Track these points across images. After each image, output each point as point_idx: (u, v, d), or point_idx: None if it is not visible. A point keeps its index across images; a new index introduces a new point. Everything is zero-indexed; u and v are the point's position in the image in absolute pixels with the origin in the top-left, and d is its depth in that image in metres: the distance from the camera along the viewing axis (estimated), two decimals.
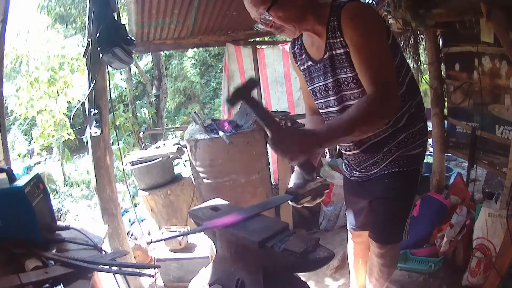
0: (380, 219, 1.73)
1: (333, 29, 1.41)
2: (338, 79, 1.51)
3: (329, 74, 1.52)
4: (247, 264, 1.22)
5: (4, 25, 2.09)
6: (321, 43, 1.48)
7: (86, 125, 2.56)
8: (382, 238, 1.76)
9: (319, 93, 1.63)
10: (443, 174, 3.45)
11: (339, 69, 1.48)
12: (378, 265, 1.84)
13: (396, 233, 1.75)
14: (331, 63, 1.49)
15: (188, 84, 12.00)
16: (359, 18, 1.35)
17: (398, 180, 1.65)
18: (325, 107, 1.63)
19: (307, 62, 1.61)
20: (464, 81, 2.99)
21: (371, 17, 1.38)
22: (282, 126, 1.24)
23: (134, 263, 2.67)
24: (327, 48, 1.47)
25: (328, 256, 1.09)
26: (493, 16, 2.15)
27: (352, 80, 1.46)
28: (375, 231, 1.79)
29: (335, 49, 1.45)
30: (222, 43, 4.68)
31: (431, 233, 2.74)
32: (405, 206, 1.74)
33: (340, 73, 1.49)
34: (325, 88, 1.58)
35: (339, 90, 1.53)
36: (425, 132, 1.68)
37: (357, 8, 1.38)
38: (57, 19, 10.59)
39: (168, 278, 2.73)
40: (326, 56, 1.49)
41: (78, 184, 8.31)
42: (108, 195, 2.57)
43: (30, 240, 1.39)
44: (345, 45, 1.40)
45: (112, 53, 2.26)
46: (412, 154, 1.64)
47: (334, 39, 1.43)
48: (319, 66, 1.55)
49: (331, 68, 1.50)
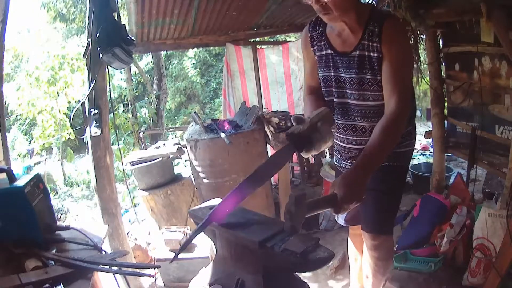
0: (372, 210, 1.78)
1: (371, 32, 1.51)
2: (363, 78, 1.58)
3: (354, 70, 1.58)
4: (247, 264, 1.22)
5: (4, 25, 2.08)
6: (352, 39, 1.56)
7: (86, 125, 2.56)
8: (374, 228, 1.80)
9: (334, 82, 1.67)
10: (443, 174, 3.45)
11: (368, 69, 1.56)
12: (373, 259, 1.87)
13: (387, 224, 1.82)
14: (359, 61, 1.56)
15: (189, 84, 12.00)
16: (400, 35, 1.53)
17: (387, 174, 1.73)
18: (339, 97, 1.68)
19: (326, 50, 1.66)
20: (464, 81, 2.99)
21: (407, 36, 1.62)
22: (335, 195, 1.28)
23: (134, 263, 2.67)
24: (359, 46, 1.54)
25: (328, 256, 1.09)
26: (493, 16, 2.15)
27: (377, 83, 1.56)
28: (367, 221, 1.83)
29: (368, 50, 1.53)
30: (222, 43, 4.67)
31: (431, 233, 2.74)
32: (395, 198, 1.83)
33: (367, 73, 1.57)
34: (344, 80, 1.63)
35: (360, 88, 1.60)
36: (413, 134, 1.82)
37: (399, 24, 1.58)
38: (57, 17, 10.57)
39: (168, 278, 2.73)
40: (355, 53, 1.56)
41: (78, 184, 8.30)
42: (108, 195, 2.57)
43: (30, 240, 1.39)
44: (380, 51, 1.50)
45: (112, 53, 2.26)
46: (399, 151, 1.74)
47: (370, 42, 1.51)
48: (343, 59, 1.61)
49: (358, 65, 1.57)
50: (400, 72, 1.49)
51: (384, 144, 1.40)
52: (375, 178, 1.69)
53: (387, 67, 1.49)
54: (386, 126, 1.42)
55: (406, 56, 1.54)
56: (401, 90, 1.46)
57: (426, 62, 3.34)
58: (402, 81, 1.49)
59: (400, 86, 1.47)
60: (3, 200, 1.38)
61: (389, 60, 1.49)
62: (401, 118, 1.46)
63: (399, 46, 1.50)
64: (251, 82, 4.91)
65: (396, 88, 1.47)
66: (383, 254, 1.85)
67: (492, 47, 2.52)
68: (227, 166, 3.13)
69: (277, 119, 3.35)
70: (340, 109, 1.71)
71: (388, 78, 1.49)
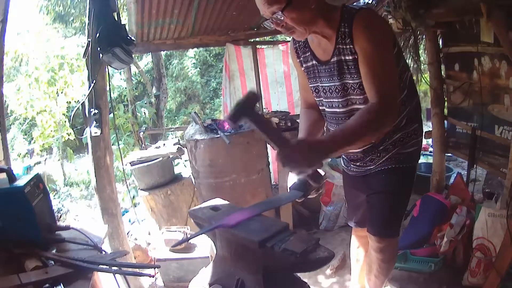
0: (378, 213, 1.77)
1: (343, 35, 1.43)
2: (345, 84, 1.53)
3: (335, 77, 1.53)
4: (247, 264, 1.22)
5: (4, 25, 2.08)
6: (329, 46, 1.50)
7: (86, 125, 2.56)
8: (380, 231, 1.79)
9: (322, 92, 1.64)
10: (443, 174, 3.45)
11: (347, 74, 1.50)
12: (377, 261, 1.86)
13: (394, 227, 1.80)
14: (338, 67, 1.51)
15: (189, 84, 11.99)
16: (370, 29, 1.39)
17: (395, 175, 1.70)
18: (329, 107, 1.65)
19: (311, 61, 1.62)
20: (464, 81, 2.98)
21: (381, 28, 1.43)
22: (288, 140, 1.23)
23: (134, 263, 2.67)
24: (335, 52, 1.48)
25: (328, 256, 1.09)
26: (493, 16, 2.15)
27: (359, 86, 1.49)
28: (373, 224, 1.81)
29: (344, 54, 1.47)
30: (222, 43, 4.67)
31: (431, 233, 2.74)
32: (402, 201, 1.79)
33: (347, 78, 1.51)
34: (329, 89, 1.59)
35: (345, 94, 1.55)
36: (419, 132, 1.73)
37: (369, 17, 1.42)
38: (56, 18, 10.58)
39: (168, 278, 2.73)
40: (333, 60, 1.51)
41: (78, 184, 8.30)
42: (108, 195, 2.57)
43: (30, 240, 1.39)
44: (354, 52, 1.43)
45: (112, 53, 2.26)
46: (407, 152, 1.69)
47: (343, 45, 1.45)
48: (325, 68, 1.56)
49: (338, 72, 1.52)
50: (380, 69, 1.38)
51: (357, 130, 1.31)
52: (383, 180, 1.72)
53: (364, 67, 1.41)
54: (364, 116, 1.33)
55: (382, 51, 1.39)
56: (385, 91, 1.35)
57: (426, 62, 3.34)
58: (383, 78, 1.38)
59: (384, 85, 1.36)
60: (3, 200, 1.38)
61: (365, 60, 1.40)
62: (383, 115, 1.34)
63: (372, 42, 1.38)
64: (251, 82, 4.90)
65: (378, 87, 1.37)
66: (387, 256, 1.85)
67: (492, 47, 2.52)
68: (227, 166, 3.13)
69: (277, 119, 3.35)
70: (333, 118, 1.67)
71: (367, 78, 1.41)
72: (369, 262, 1.97)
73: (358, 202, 1.93)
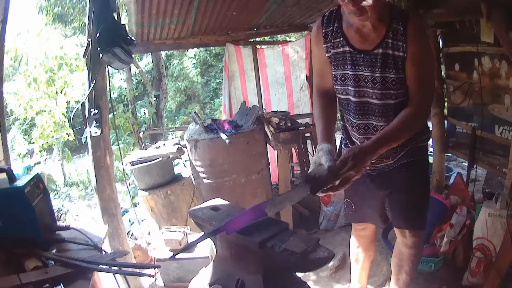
0: (409, 207, 1.80)
1: (395, 31, 1.49)
2: (386, 77, 1.56)
3: (378, 68, 1.56)
4: (247, 264, 1.22)
5: (4, 25, 2.08)
6: (374, 37, 1.53)
7: (85, 125, 2.56)
8: (414, 224, 1.83)
9: (353, 81, 1.63)
10: (443, 174, 3.45)
11: (392, 68, 1.54)
12: (410, 257, 1.89)
13: (424, 218, 1.86)
14: (382, 59, 1.53)
15: (189, 84, 11.99)
16: (424, 35, 1.57)
17: (416, 168, 1.77)
18: (359, 96, 1.65)
19: (343, 47, 1.61)
20: (464, 81, 2.98)
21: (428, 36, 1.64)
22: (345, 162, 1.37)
23: (134, 263, 2.67)
24: (382, 44, 1.52)
25: (328, 256, 1.09)
26: (493, 16, 2.15)
27: (400, 81, 1.55)
28: (405, 219, 1.83)
29: (393, 49, 1.51)
30: (222, 43, 4.67)
31: (431, 233, 2.74)
32: (426, 192, 1.90)
33: (390, 72, 1.55)
34: (365, 79, 1.60)
35: (383, 87, 1.58)
36: (428, 128, 1.90)
37: (422, 25, 1.64)
38: (56, 18, 10.57)
39: (168, 278, 2.73)
40: (378, 51, 1.54)
41: (78, 184, 8.30)
42: (108, 195, 2.57)
43: (30, 240, 1.40)
44: (405, 51, 1.49)
45: (112, 53, 2.26)
46: (421, 146, 1.79)
47: (395, 41, 1.50)
48: (364, 57, 1.57)
49: (381, 64, 1.54)
50: (426, 72, 1.54)
51: (399, 134, 1.49)
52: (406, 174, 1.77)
53: (414, 67, 1.50)
54: (406, 119, 1.49)
55: (431, 57, 1.65)
56: (426, 92, 1.54)
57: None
58: (428, 81, 1.57)
59: (426, 87, 1.54)
60: (3, 200, 1.38)
61: (416, 60, 1.49)
62: (421, 117, 1.56)
63: (424, 47, 1.51)
64: (251, 83, 4.90)
65: (421, 89, 1.52)
66: (419, 249, 1.90)
67: (492, 47, 2.51)
68: (227, 166, 3.13)
69: (277, 119, 3.35)
70: (358, 109, 1.67)
71: (415, 78, 1.52)
72: (398, 261, 1.97)
73: (371, 201, 1.91)
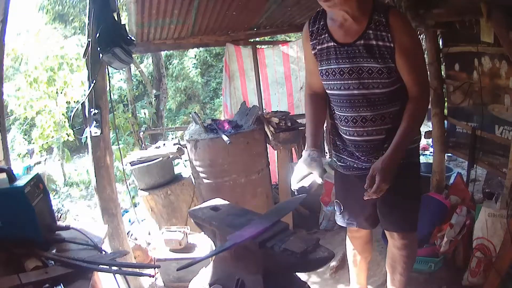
0: (399, 209, 1.79)
1: (377, 22, 1.53)
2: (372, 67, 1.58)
3: (361, 59, 1.58)
4: (247, 264, 1.22)
5: (4, 25, 2.08)
6: (356, 29, 1.56)
7: (85, 125, 2.55)
8: (404, 226, 1.82)
9: (338, 74, 1.65)
10: (443, 174, 3.45)
11: (378, 58, 1.56)
12: (402, 258, 1.88)
13: (415, 220, 1.86)
14: (366, 50, 1.56)
15: (189, 84, 12.00)
16: (408, 25, 1.59)
17: (406, 169, 1.74)
18: (345, 89, 1.67)
19: (328, 43, 1.64)
20: (464, 81, 2.98)
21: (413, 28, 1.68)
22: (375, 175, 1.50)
23: (134, 263, 2.66)
24: (364, 36, 1.55)
25: (328, 256, 1.09)
26: (493, 16, 2.15)
27: (388, 71, 1.58)
28: (395, 221, 1.83)
29: (376, 39, 1.54)
30: (222, 43, 4.67)
31: (431, 233, 2.74)
32: (418, 193, 1.91)
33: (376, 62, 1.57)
34: (350, 71, 1.61)
35: (369, 76, 1.60)
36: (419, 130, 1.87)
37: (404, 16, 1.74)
38: (55, 18, 10.58)
39: (168, 278, 2.73)
40: (360, 43, 1.56)
41: (77, 184, 8.30)
42: (108, 195, 2.57)
43: (30, 240, 1.40)
44: (391, 41, 1.52)
45: (112, 53, 2.26)
46: (412, 147, 1.79)
47: (378, 31, 1.53)
48: (347, 49, 1.59)
49: (364, 54, 1.57)
50: (419, 61, 1.59)
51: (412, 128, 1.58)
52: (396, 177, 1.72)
53: (405, 60, 1.53)
54: (413, 112, 1.56)
55: (419, 45, 1.66)
56: (423, 80, 1.60)
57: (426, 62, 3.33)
58: (422, 70, 1.62)
59: (421, 76, 1.59)
60: (3, 200, 1.38)
61: (405, 50, 1.52)
62: (425, 105, 1.63)
63: (411, 37, 1.55)
64: (251, 82, 4.90)
65: (417, 79, 1.57)
66: (411, 251, 1.88)
67: (492, 47, 2.51)
68: (227, 166, 3.13)
69: (277, 119, 3.35)
70: (346, 101, 1.69)
71: (408, 70, 1.56)
72: (392, 262, 1.96)
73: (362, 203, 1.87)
